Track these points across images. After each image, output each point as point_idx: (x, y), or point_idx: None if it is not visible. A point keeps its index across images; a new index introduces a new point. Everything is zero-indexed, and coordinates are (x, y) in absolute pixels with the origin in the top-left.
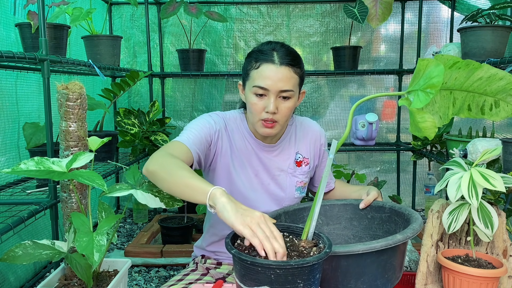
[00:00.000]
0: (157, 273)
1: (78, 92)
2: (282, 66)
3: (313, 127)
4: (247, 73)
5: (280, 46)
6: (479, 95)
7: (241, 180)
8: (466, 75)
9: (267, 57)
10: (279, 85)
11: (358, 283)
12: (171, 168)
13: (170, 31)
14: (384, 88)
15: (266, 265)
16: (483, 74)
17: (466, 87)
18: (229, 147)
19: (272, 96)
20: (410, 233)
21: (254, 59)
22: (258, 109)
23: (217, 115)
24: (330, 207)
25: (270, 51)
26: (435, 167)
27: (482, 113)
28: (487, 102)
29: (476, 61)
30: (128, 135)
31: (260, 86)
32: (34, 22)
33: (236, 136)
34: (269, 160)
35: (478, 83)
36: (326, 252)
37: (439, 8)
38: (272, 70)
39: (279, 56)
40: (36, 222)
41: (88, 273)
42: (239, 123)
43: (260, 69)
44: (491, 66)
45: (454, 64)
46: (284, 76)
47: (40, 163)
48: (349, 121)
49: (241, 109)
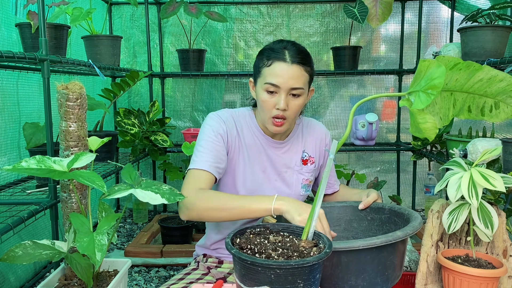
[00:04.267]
0: (157, 273)
1: (78, 92)
2: (293, 65)
3: (319, 128)
4: (258, 71)
5: (292, 45)
6: (480, 96)
7: (248, 175)
8: (467, 76)
9: (279, 55)
10: (290, 82)
11: (359, 280)
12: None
13: (170, 31)
14: (384, 88)
15: (266, 265)
16: (484, 75)
17: (467, 89)
18: (238, 143)
19: (282, 93)
20: (410, 230)
21: (266, 57)
22: (269, 106)
23: (226, 113)
24: (330, 209)
25: (282, 49)
26: (435, 167)
27: (482, 114)
28: (487, 104)
29: (477, 63)
30: (128, 135)
31: (272, 83)
32: (34, 22)
33: (246, 132)
34: (277, 156)
35: (479, 84)
36: (326, 252)
37: (439, 8)
38: (283, 68)
39: (291, 54)
40: (36, 222)
41: (88, 273)
42: (248, 119)
43: (271, 66)
44: (492, 67)
45: (455, 65)
46: (295, 74)
47: (41, 162)
48: (350, 121)
49: (250, 106)
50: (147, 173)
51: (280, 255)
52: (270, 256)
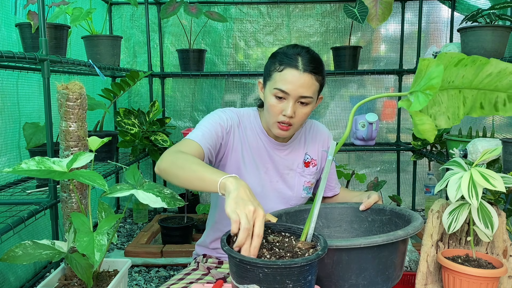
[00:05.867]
0: (157, 273)
1: (78, 92)
2: (305, 73)
3: (322, 130)
4: (269, 74)
5: (306, 52)
6: (491, 91)
7: (250, 176)
8: (474, 72)
9: (292, 61)
10: (300, 91)
11: (359, 279)
12: (182, 164)
13: (170, 31)
14: (384, 88)
15: (253, 263)
16: (493, 69)
17: (476, 85)
18: (241, 143)
19: (291, 100)
20: (411, 230)
21: (279, 62)
22: (276, 111)
23: (231, 111)
24: (331, 210)
25: (295, 55)
26: (435, 167)
27: (496, 110)
28: (500, 98)
29: (482, 56)
30: (128, 135)
31: (281, 89)
32: (34, 22)
33: (249, 132)
34: (280, 158)
35: (488, 79)
36: (318, 254)
37: (439, 8)
38: (294, 76)
39: (303, 62)
40: (36, 222)
41: (88, 273)
42: (252, 120)
43: (283, 72)
44: (500, 60)
45: (459, 61)
46: (306, 83)
47: (41, 163)
48: (350, 122)
49: (255, 107)
50: (147, 173)
51: (273, 254)
52: (262, 255)
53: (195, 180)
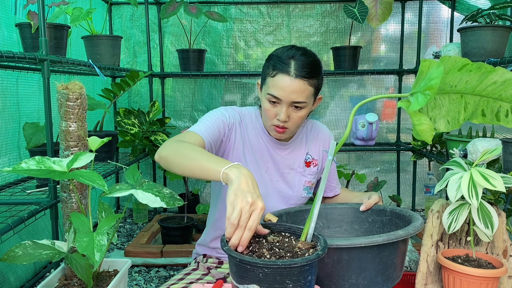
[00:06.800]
0: (157, 273)
1: (78, 92)
2: (296, 79)
3: (323, 131)
4: (264, 77)
5: (300, 55)
6: (494, 100)
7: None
8: (479, 78)
9: (283, 67)
10: (292, 96)
11: (359, 278)
12: (184, 152)
13: (170, 31)
14: (384, 88)
15: (253, 263)
16: (498, 78)
17: (479, 92)
18: (242, 141)
19: (284, 105)
20: (411, 230)
21: (272, 66)
22: (270, 115)
23: (233, 110)
24: (331, 210)
25: (288, 59)
26: (435, 167)
27: (498, 119)
28: (503, 108)
29: (488, 64)
30: (128, 135)
31: (273, 95)
32: (34, 22)
33: (250, 131)
34: (281, 157)
35: (492, 87)
36: (318, 254)
37: (439, 8)
38: (286, 82)
39: (296, 68)
40: (36, 222)
41: (88, 273)
42: (254, 119)
43: (275, 78)
44: (506, 70)
45: (463, 66)
46: (298, 89)
47: (41, 163)
48: (350, 122)
49: (257, 106)
50: (147, 173)
51: (273, 254)
52: (262, 255)
53: (197, 169)
